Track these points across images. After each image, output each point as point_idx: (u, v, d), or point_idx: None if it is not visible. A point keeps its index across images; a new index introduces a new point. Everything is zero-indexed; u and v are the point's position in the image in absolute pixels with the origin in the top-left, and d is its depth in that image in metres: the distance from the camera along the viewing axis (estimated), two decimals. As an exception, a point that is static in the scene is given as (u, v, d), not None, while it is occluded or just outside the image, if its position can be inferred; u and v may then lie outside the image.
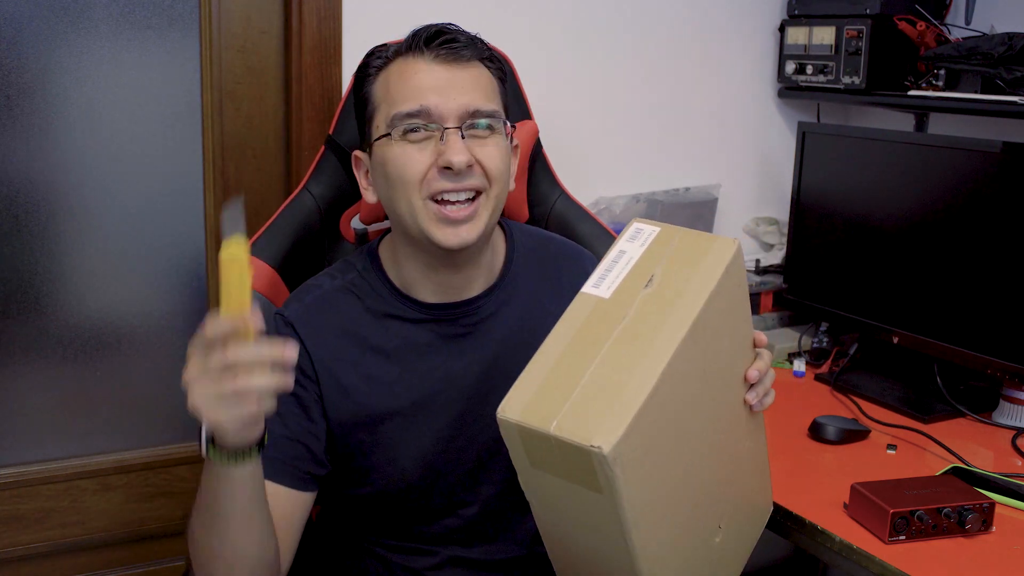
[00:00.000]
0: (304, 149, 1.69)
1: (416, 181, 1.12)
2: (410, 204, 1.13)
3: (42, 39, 1.56)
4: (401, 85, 1.14)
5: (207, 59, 1.66)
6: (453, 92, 1.13)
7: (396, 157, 1.13)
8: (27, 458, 1.67)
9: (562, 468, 0.91)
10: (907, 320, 1.75)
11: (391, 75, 1.16)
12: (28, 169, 1.59)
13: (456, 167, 1.10)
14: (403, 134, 1.13)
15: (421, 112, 1.12)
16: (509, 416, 0.92)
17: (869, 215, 1.83)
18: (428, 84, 1.13)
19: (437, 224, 1.12)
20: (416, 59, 1.15)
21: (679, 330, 0.93)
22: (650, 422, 0.90)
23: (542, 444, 0.91)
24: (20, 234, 1.61)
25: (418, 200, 1.12)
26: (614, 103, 1.99)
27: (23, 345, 1.64)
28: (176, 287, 1.73)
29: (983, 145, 1.62)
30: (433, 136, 1.12)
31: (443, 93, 1.12)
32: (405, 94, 1.13)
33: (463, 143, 1.11)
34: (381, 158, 1.15)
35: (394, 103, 1.14)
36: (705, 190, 2.07)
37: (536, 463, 0.94)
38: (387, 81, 1.16)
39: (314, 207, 1.46)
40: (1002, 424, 1.64)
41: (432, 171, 1.12)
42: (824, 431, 1.54)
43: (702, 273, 0.98)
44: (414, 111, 1.12)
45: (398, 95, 1.14)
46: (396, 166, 1.13)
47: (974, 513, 1.24)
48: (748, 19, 2.10)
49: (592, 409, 0.89)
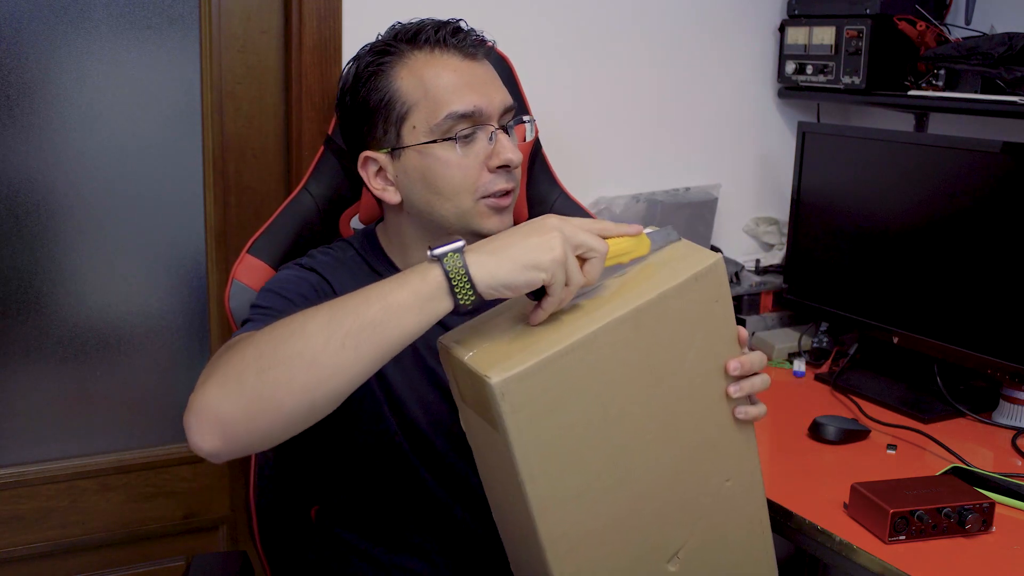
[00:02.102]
0: (304, 149, 1.69)
1: (470, 186, 1.13)
2: (459, 208, 1.14)
3: (42, 39, 1.56)
4: (444, 83, 1.12)
5: (207, 59, 1.66)
6: (490, 89, 1.14)
7: (446, 164, 1.12)
8: (27, 458, 1.67)
9: (476, 402, 0.94)
10: (907, 320, 1.75)
11: (424, 73, 1.13)
12: (28, 169, 1.59)
13: (514, 165, 1.13)
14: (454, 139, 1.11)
15: (475, 113, 1.11)
16: (443, 341, 0.96)
17: (869, 215, 1.82)
18: (467, 81, 1.12)
19: (488, 217, 1.14)
20: (446, 55, 1.13)
21: (618, 310, 0.94)
22: (559, 380, 0.91)
23: (462, 374, 0.94)
24: (20, 234, 1.61)
25: (470, 203, 1.14)
26: (614, 103, 1.99)
27: (23, 345, 1.64)
28: (176, 287, 1.73)
29: (983, 145, 1.62)
30: (482, 135, 1.13)
31: (485, 91, 1.13)
32: (454, 94, 1.11)
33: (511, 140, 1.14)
34: (420, 162, 1.14)
35: (441, 103, 1.12)
36: (705, 190, 2.06)
37: (462, 396, 0.98)
38: (421, 79, 1.13)
39: (313, 207, 1.46)
40: (1002, 424, 1.64)
41: (484, 173, 1.13)
42: (824, 431, 1.54)
43: (668, 273, 0.98)
44: (468, 112, 1.11)
45: (445, 94, 1.12)
46: (446, 173, 1.12)
47: (974, 513, 1.24)
48: (748, 19, 2.10)
49: (507, 350, 0.91)
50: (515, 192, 1.17)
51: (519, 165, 1.14)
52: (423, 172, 1.14)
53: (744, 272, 2.05)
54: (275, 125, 1.73)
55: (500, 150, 1.12)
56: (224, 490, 1.80)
